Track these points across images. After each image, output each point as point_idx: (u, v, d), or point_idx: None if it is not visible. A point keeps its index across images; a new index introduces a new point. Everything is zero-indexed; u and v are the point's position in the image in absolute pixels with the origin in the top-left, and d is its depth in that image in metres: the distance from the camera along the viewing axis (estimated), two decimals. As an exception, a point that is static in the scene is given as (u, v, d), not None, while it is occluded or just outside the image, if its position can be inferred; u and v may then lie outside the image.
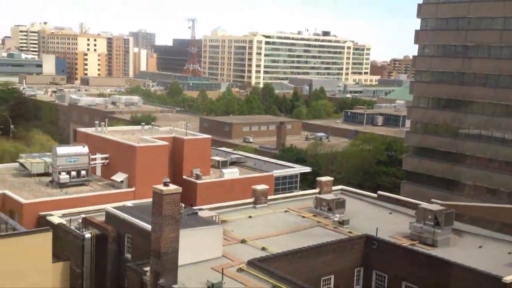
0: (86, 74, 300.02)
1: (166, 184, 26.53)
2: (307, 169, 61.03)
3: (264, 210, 41.70)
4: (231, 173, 52.42)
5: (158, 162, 47.02)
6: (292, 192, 51.74)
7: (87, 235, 34.53)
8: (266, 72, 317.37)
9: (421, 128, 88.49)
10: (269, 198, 43.71)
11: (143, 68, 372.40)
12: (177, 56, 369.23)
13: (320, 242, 33.29)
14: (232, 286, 27.49)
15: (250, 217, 40.07)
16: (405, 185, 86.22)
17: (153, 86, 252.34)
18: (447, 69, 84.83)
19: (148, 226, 29.98)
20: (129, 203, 40.57)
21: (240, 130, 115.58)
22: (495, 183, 77.54)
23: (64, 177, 46.15)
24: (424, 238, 35.83)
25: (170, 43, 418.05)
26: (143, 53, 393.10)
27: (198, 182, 49.38)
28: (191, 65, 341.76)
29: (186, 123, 57.86)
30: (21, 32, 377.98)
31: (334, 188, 47.16)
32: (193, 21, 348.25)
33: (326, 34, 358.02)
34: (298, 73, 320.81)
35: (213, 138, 58.92)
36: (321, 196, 42.32)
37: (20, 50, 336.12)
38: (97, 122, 54.98)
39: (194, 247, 29.85)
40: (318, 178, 47.61)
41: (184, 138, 51.59)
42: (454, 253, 33.68)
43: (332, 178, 47.85)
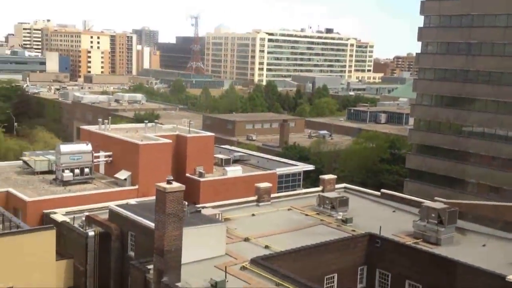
0: (90, 72, 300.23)
1: (169, 182, 26.58)
2: (310, 167, 61.02)
3: (267, 208, 41.72)
4: (234, 171, 52.44)
5: (161, 160, 47.13)
6: (295, 190, 51.70)
7: (91, 233, 34.61)
8: (269, 69, 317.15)
9: (424, 125, 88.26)
10: (272, 196, 43.74)
11: (146, 65, 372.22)
12: (180, 53, 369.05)
13: (323, 241, 33.32)
14: (235, 284, 27.52)
15: (253, 215, 40.11)
16: (408, 183, 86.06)
17: (156, 83, 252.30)
18: (451, 66, 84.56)
19: (151, 224, 30.04)
20: (132, 201, 40.64)
21: (243, 128, 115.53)
22: (499, 181, 77.30)
23: (67, 175, 46.30)
24: (427, 237, 35.80)
25: (173, 41, 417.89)
26: (146, 50, 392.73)
27: (201, 180, 49.42)
28: (194, 62, 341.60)
29: (189, 121, 57.89)
30: (24, 29, 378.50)
31: (337, 186, 47.15)
32: (196, 18, 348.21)
33: (329, 31, 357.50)
34: (301, 70, 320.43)
35: (216, 136, 58.95)
36: (324, 194, 42.32)
37: (23, 47, 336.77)
38: (100, 119, 55.08)
39: (197, 245, 29.89)
40: (321, 176, 47.61)
41: (187, 136, 51.63)
42: (457, 251, 33.63)
43: (335, 176, 47.82)
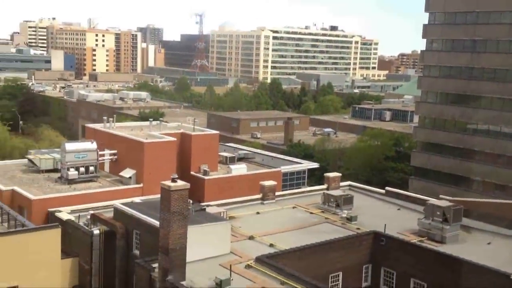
0: (95, 70, 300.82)
1: (174, 180, 26.59)
2: (315, 165, 60.94)
3: (272, 206, 41.73)
4: (239, 169, 52.41)
5: (166, 158, 47.14)
6: (300, 188, 51.68)
7: (96, 232, 34.69)
8: (273, 67, 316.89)
9: (429, 123, 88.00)
10: (277, 194, 43.78)
11: (151, 63, 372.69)
12: (184, 51, 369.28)
13: (328, 239, 33.30)
14: (240, 283, 27.53)
15: (258, 213, 40.13)
16: (413, 181, 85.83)
17: (161, 81, 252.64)
18: (456, 63, 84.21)
19: (156, 222, 30.06)
20: (137, 199, 40.72)
21: (247, 125, 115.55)
22: (504, 179, 76.97)
23: (72, 173, 46.41)
24: (432, 235, 35.71)
25: (178, 39, 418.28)
26: (151, 48, 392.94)
27: (206, 178, 49.44)
28: (199, 60, 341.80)
29: (194, 119, 58.01)
30: (29, 27, 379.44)
31: (342, 184, 47.12)
32: (200, 16, 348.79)
33: (333, 29, 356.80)
34: (306, 68, 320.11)
35: (220, 134, 58.92)
36: (329, 192, 42.29)
37: (29, 46, 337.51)
38: (105, 118, 55.17)
39: (202, 244, 29.92)
40: (326, 174, 47.60)
41: (192, 134, 51.63)
42: (462, 249, 33.55)
43: (340, 174, 47.80)
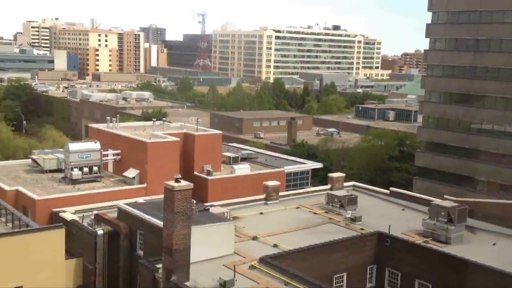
0: (98, 70, 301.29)
1: (177, 180, 26.50)
2: (319, 165, 60.69)
3: (275, 207, 41.62)
4: (242, 169, 52.31)
5: (170, 158, 47.13)
6: (303, 188, 51.55)
7: (100, 232, 34.66)
8: (276, 67, 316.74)
9: (433, 123, 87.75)
10: (280, 194, 43.64)
11: (154, 63, 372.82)
12: (187, 51, 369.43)
13: (332, 239, 33.17)
14: (244, 283, 27.44)
15: (261, 213, 40.02)
16: (417, 181, 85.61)
17: (163, 81, 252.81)
18: (459, 63, 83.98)
19: (159, 223, 30.00)
20: (141, 200, 40.67)
21: (250, 125, 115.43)
22: (509, 179, 76.66)
23: (76, 173, 46.41)
24: (437, 235, 35.53)
25: (181, 38, 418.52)
26: (154, 48, 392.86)
27: (209, 178, 49.38)
28: (202, 60, 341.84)
29: (197, 119, 57.91)
30: (32, 28, 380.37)
31: (345, 184, 46.92)
32: (203, 16, 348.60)
33: (336, 28, 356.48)
34: (309, 67, 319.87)
35: (223, 134, 58.81)
36: (332, 192, 42.13)
37: (32, 46, 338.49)
38: (108, 118, 55.17)
39: (205, 244, 29.85)
40: (330, 174, 47.39)
41: (195, 134, 51.58)
42: (467, 250, 33.38)
43: (343, 174, 47.62)
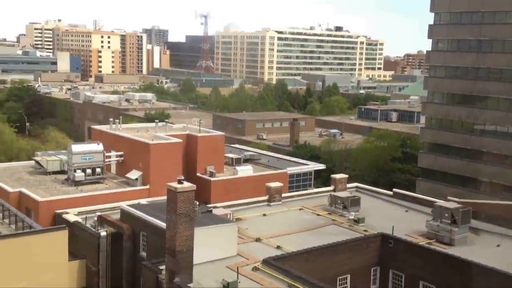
0: (100, 71, 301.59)
1: (180, 181, 26.44)
2: (321, 166, 60.67)
3: (278, 208, 41.57)
4: (245, 170, 52.28)
5: (172, 160, 47.10)
6: (306, 189, 51.49)
7: (103, 233, 34.65)
8: (278, 68, 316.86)
9: (436, 124, 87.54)
10: (283, 195, 43.61)
11: (156, 65, 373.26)
12: (190, 52, 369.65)
13: (335, 241, 33.10)
14: (247, 285, 27.40)
15: (264, 215, 39.98)
16: (420, 182, 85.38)
17: (166, 83, 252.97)
18: (461, 64, 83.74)
19: (162, 224, 29.98)
20: (143, 201, 40.66)
21: (253, 127, 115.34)
22: (512, 180, 76.50)
23: (79, 174, 46.43)
24: (441, 237, 35.45)
25: (183, 40, 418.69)
26: (156, 49, 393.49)
27: (212, 179, 49.34)
28: (204, 61, 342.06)
29: (200, 120, 57.86)
30: (35, 29, 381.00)
31: (348, 185, 46.86)
32: (205, 17, 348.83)
33: (338, 29, 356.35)
34: (311, 69, 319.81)
35: (226, 135, 58.80)
36: (335, 193, 42.09)
37: (35, 47, 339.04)
38: (111, 119, 55.19)
39: (209, 246, 29.80)
40: (333, 176, 47.35)
41: (197, 135, 51.55)
42: (471, 251, 33.29)
43: (346, 176, 47.55)
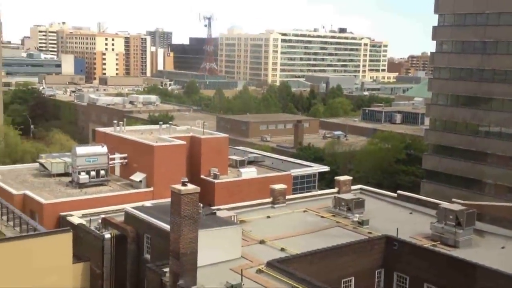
0: (104, 74, 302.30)
1: (184, 184, 26.44)
2: (325, 168, 60.53)
3: (282, 210, 41.52)
4: (249, 172, 52.22)
5: (176, 162, 47.13)
6: (310, 191, 51.41)
7: (107, 236, 34.66)
8: (282, 70, 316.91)
9: (440, 125, 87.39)
10: (287, 197, 43.51)
11: (160, 67, 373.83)
12: (193, 54, 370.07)
13: (339, 243, 33.00)
14: (251, 287, 27.37)
15: (268, 217, 39.92)
16: (425, 184, 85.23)
17: (170, 85, 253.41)
18: (466, 65, 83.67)
19: (166, 226, 29.99)
20: (148, 203, 40.70)
21: (257, 128, 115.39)
22: (517, 182, 76.31)
23: (83, 177, 46.50)
24: (445, 239, 35.33)
25: (187, 42, 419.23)
26: (160, 52, 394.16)
27: (216, 181, 49.32)
28: (208, 63, 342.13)
29: (203, 122, 57.83)
30: (40, 32, 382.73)
31: (353, 187, 46.73)
32: (209, 19, 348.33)
33: (342, 31, 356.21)
34: (315, 70, 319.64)
35: (230, 137, 58.79)
36: (340, 195, 42.00)
37: (39, 50, 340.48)
38: (115, 121, 55.28)
39: (213, 248, 29.79)
40: (337, 178, 47.21)
41: (201, 137, 51.58)
42: (476, 254, 33.15)
43: (350, 178, 47.44)
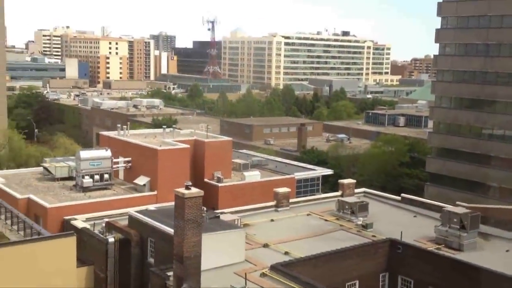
0: (108, 78, 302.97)
1: (188, 187, 26.44)
2: (329, 171, 60.53)
3: (286, 214, 41.50)
4: (253, 176, 52.29)
5: (180, 165, 47.18)
6: (314, 195, 51.39)
7: (111, 239, 34.66)
8: (285, 73, 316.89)
9: (444, 128, 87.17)
10: (291, 201, 43.52)
11: (164, 70, 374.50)
12: (197, 58, 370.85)
13: (343, 246, 32.95)
14: (255, 291, 27.37)
15: (272, 220, 39.91)
16: (429, 187, 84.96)
17: (173, 88, 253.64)
18: (469, 68, 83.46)
19: (170, 230, 29.99)
20: (151, 207, 40.73)
21: (260, 132, 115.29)
22: (521, 185, 75.97)
23: (87, 181, 46.60)
24: (449, 242, 35.24)
25: (190, 45, 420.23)
26: (164, 55, 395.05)
27: (220, 185, 49.38)
28: (211, 67, 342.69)
29: (207, 126, 58.00)
30: (44, 36, 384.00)
31: (356, 190, 46.72)
32: (212, 22, 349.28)
33: (345, 34, 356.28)
34: (318, 73, 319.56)
35: (234, 141, 58.78)
36: (343, 199, 41.96)
37: (43, 54, 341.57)
38: (119, 125, 55.41)
39: (216, 252, 29.79)
40: (340, 181, 47.23)
41: (205, 141, 51.64)
42: (480, 257, 33.06)
43: (354, 181, 47.43)
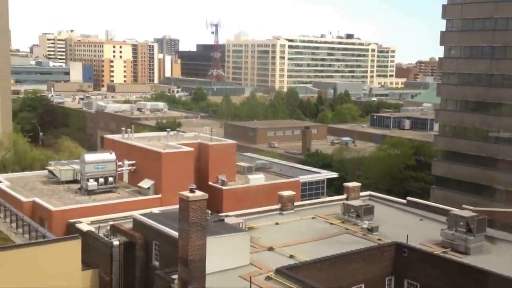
0: (112, 81, 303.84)
1: (192, 190, 26.35)
2: (334, 174, 60.37)
3: (291, 217, 41.34)
4: (257, 179, 52.15)
5: (184, 168, 47.11)
6: (319, 198, 51.21)
7: (115, 243, 34.62)
8: (289, 76, 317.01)
9: (449, 131, 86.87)
10: (295, 204, 43.36)
11: (168, 74, 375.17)
12: (201, 61, 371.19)
13: (349, 250, 32.75)
14: (260, 294, 27.20)
15: (277, 223, 39.75)
16: (434, 190, 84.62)
17: (177, 92, 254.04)
18: (475, 70, 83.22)
19: (175, 233, 29.91)
20: (156, 210, 40.67)
21: (265, 135, 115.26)
22: (528, 188, 75.63)
23: (92, 184, 46.61)
24: (456, 246, 35.00)
25: (194, 49, 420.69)
26: (168, 59, 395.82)
27: (224, 188, 49.28)
28: (215, 70, 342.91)
29: (211, 129, 58.00)
30: (48, 40, 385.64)
31: (361, 194, 46.49)
32: (216, 26, 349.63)
33: (349, 36, 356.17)
34: (322, 76, 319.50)
35: (238, 144, 58.70)
36: (348, 202, 41.78)
37: (48, 58, 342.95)
38: (123, 128, 55.43)
39: (221, 255, 29.66)
40: (345, 184, 47.02)
41: (209, 144, 51.59)
42: (487, 260, 32.79)
43: (359, 184, 47.18)
